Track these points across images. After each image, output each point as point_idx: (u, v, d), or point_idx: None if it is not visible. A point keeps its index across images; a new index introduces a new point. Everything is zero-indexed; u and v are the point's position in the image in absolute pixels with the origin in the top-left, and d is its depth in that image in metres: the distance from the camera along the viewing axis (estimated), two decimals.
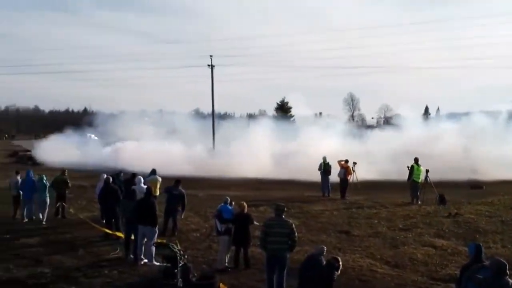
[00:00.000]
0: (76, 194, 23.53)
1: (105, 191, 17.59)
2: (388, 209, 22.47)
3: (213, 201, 21.69)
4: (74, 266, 13.88)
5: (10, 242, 16.47)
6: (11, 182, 20.52)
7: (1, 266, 13.67)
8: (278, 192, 28.55)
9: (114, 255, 14.92)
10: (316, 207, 23.20)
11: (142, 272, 13.34)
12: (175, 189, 17.95)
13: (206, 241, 16.67)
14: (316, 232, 18.07)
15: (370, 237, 17.49)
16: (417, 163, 24.88)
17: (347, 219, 20.41)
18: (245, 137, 41.68)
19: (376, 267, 14.01)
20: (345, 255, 14.74)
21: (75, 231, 18.06)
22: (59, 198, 20.32)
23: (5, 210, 21.11)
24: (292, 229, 11.44)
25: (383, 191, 27.97)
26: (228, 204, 14.55)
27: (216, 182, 32.90)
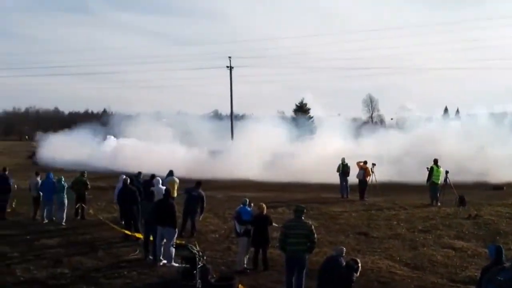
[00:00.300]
0: (95, 195, 23.65)
1: (123, 192, 17.67)
2: (407, 211, 22.33)
3: (232, 203, 21.72)
4: (93, 267, 13.97)
5: (30, 243, 16.61)
6: (31, 183, 20.70)
7: (22, 266, 13.80)
8: (297, 193, 28.43)
9: (133, 256, 14.99)
10: (334, 208, 23.12)
11: (161, 273, 13.39)
12: (194, 190, 17.98)
13: (225, 243, 16.70)
14: (335, 234, 18.01)
15: (389, 238, 17.38)
16: (437, 164, 24.67)
17: (366, 220, 20.31)
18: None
19: (395, 269, 13.91)
20: (364, 257, 14.65)
21: (95, 232, 18.17)
22: (79, 199, 20.45)
23: (25, 211, 21.32)
24: (312, 231, 11.42)
25: (402, 193, 27.75)
26: (247, 205, 14.54)
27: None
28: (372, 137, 42.14)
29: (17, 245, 16.26)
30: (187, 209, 17.81)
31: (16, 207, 21.69)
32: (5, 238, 17.03)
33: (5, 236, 17.39)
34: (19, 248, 15.87)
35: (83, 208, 20.49)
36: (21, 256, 14.91)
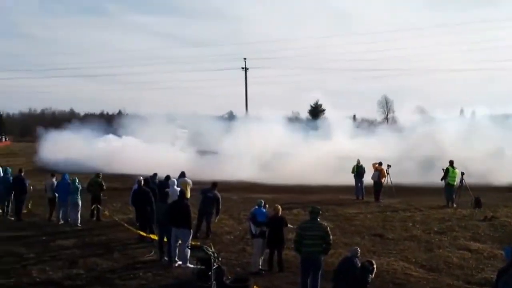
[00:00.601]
0: (111, 197, 23.74)
1: (137, 194, 17.72)
2: (423, 212, 22.21)
3: (247, 204, 21.72)
4: (109, 268, 14.02)
5: (46, 244, 16.70)
6: (47, 185, 20.83)
7: (38, 267, 13.88)
8: (312, 195, 28.32)
9: (148, 257, 15.03)
10: (350, 210, 23.04)
11: (176, 274, 13.41)
12: (210, 191, 17.98)
13: (239, 244, 16.70)
14: (350, 235, 17.95)
15: (405, 240, 17.30)
16: (452, 166, 24.50)
17: (381, 222, 20.23)
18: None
19: (411, 271, 13.85)
20: (379, 258, 14.60)
21: (110, 233, 18.23)
22: (94, 201, 20.53)
23: (41, 212, 21.45)
24: (327, 232, 11.38)
25: (418, 194, 27.59)
26: (262, 207, 14.53)
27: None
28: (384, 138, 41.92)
29: (33, 246, 16.35)
30: (202, 211, 17.81)
31: (32, 208, 21.83)
32: (21, 239, 17.13)
33: (21, 237, 17.49)
34: (35, 249, 15.97)
35: (99, 209, 20.56)
36: (37, 257, 14.99)
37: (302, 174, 33.64)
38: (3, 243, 16.55)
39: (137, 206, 17.74)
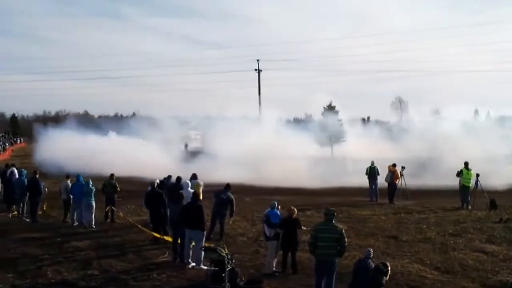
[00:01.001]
0: (125, 198, 23.83)
1: (150, 196, 17.78)
2: (437, 214, 22.10)
3: (260, 205, 21.71)
4: (123, 269, 14.08)
5: (61, 245, 16.79)
6: (61, 186, 20.97)
7: (53, 268, 13.96)
8: (326, 197, 28.23)
9: (162, 259, 15.07)
10: (364, 211, 22.97)
11: (190, 276, 13.43)
12: (224, 193, 17.98)
13: (253, 246, 16.70)
14: (364, 237, 17.88)
15: (419, 242, 17.19)
16: (467, 167, 24.33)
17: (395, 224, 20.14)
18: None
19: (426, 273, 13.76)
20: (393, 260, 14.52)
21: (124, 235, 18.31)
22: (108, 202, 20.63)
23: (56, 214, 21.59)
24: (342, 235, 11.31)
25: (432, 196, 27.43)
26: (275, 208, 14.51)
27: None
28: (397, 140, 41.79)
29: (48, 247, 16.46)
30: (216, 212, 17.81)
31: (47, 210, 21.98)
32: (36, 241, 17.26)
33: (36, 238, 17.63)
34: (50, 250, 16.07)
35: (113, 211, 20.65)
36: (52, 258, 15.08)
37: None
38: (19, 245, 16.69)
39: (150, 207, 17.79)
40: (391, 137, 42.58)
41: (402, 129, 44.92)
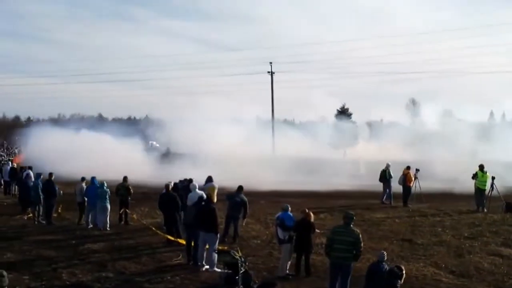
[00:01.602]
0: (138, 201, 23.91)
1: (164, 198, 17.83)
2: (452, 217, 21.95)
3: (274, 209, 21.67)
4: (137, 271, 14.13)
5: (76, 247, 16.88)
6: (76, 189, 21.07)
7: (68, 270, 14.04)
8: (339, 199, 28.11)
9: (176, 261, 15.12)
10: (377, 214, 22.85)
11: (203, 279, 13.45)
12: (237, 195, 17.99)
13: (266, 248, 16.69)
14: (378, 240, 17.80)
15: (434, 245, 17.10)
16: (482, 170, 24.12)
17: (409, 227, 20.03)
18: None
19: (441, 276, 13.69)
20: (408, 264, 14.46)
21: (138, 237, 18.37)
22: (122, 205, 20.71)
23: (71, 216, 21.71)
24: (358, 239, 11.30)
25: (447, 199, 27.23)
26: (289, 211, 14.49)
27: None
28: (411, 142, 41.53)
29: (63, 249, 16.56)
30: (230, 215, 17.83)
31: (62, 212, 22.10)
32: (51, 243, 17.37)
33: (51, 240, 17.74)
34: (65, 252, 16.16)
35: (127, 213, 20.73)
36: (67, 260, 15.16)
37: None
38: (34, 247, 16.79)
39: (164, 210, 17.85)
40: (405, 139, 42.29)
41: (416, 131, 44.67)
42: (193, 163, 35.92)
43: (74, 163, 33.57)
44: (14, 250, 16.32)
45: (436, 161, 34.80)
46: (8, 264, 14.20)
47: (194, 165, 34.46)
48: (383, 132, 44.02)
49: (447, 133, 40.63)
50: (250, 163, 36.56)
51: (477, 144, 36.60)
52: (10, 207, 24.09)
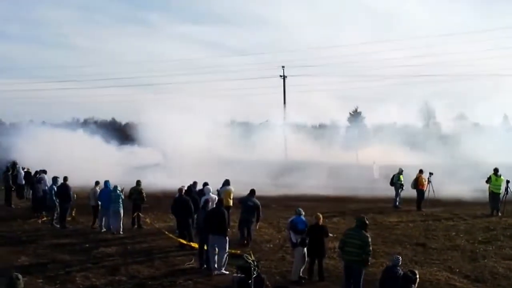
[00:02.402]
0: (151, 205, 23.95)
1: (177, 202, 17.87)
2: (466, 221, 21.79)
3: (286, 212, 21.65)
4: (150, 275, 14.17)
5: (89, 251, 16.98)
6: (90, 193, 21.15)
7: (81, 274, 14.13)
8: (352, 203, 27.98)
9: (188, 265, 15.14)
10: (390, 218, 22.73)
11: (216, 282, 13.47)
12: (249, 199, 18.00)
13: (279, 252, 16.68)
14: (391, 244, 17.73)
15: (448, 250, 17.00)
16: (496, 174, 23.92)
17: (423, 231, 19.92)
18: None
19: (455, 281, 13.61)
20: (422, 268, 14.39)
21: (151, 241, 18.43)
22: (135, 209, 20.77)
23: (84, 220, 21.80)
24: (367, 243, 11.47)
25: (461, 203, 27.01)
26: (301, 215, 14.47)
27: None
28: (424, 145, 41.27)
29: (77, 253, 16.66)
30: (244, 219, 17.84)
31: (75, 216, 22.21)
32: (65, 247, 17.47)
33: (65, 244, 17.84)
34: (78, 256, 16.27)
35: (140, 217, 20.79)
36: (81, 264, 15.25)
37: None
38: (48, 250, 16.92)
39: (177, 214, 17.89)
40: (418, 143, 42.06)
41: (429, 135, 44.45)
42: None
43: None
44: (28, 254, 16.45)
45: (450, 164, 34.59)
46: (23, 267, 14.33)
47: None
48: (396, 135, 43.77)
49: (461, 136, 40.36)
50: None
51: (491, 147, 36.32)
52: (24, 211, 24.22)
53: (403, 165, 27.74)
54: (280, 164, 40.41)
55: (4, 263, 15.20)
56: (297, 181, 35.00)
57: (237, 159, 38.84)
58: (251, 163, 38.21)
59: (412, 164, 29.37)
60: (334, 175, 36.57)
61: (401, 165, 27.98)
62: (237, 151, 42.23)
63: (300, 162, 41.04)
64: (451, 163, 35.25)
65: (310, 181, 35.01)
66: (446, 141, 40.87)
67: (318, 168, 38.11)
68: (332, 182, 34.93)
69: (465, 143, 38.61)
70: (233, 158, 39.32)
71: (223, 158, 38.95)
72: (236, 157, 39.56)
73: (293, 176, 36.54)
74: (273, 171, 37.62)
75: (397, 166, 27.61)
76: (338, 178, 35.91)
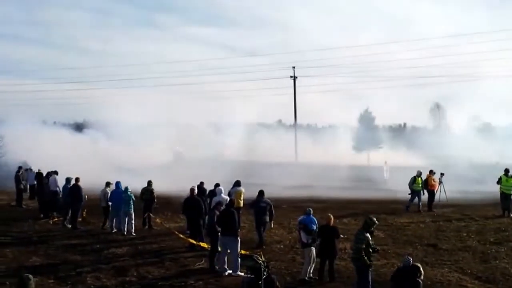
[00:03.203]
0: (162, 205, 23.98)
1: (189, 202, 17.86)
2: (478, 222, 21.66)
3: (296, 213, 21.62)
4: (160, 276, 14.19)
5: (100, 252, 17.04)
6: (101, 194, 21.21)
7: (92, 275, 14.17)
8: (363, 204, 27.88)
9: (199, 266, 15.15)
10: (401, 219, 22.63)
11: (226, 283, 13.47)
12: (261, 200, 17.96)
13: (289, 253, 16.65)
14: (402, 245, 17.66)
15: (459, 250, 16.90)
16: (507, 174, 23.73)
17: (434, 232, 19.82)
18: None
19: (466, 282, 13.52)
20: (433, 269, 14.34)
21: (162, 242, 18.45)
22: (146, 209, 20.81)
23: (95, 220, 21.87)
24: (357, 240, 11.98)
25: (472, 204, 26.87)
26: (311, 215, 14.46)
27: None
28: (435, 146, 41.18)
29: (87, 253, 16.72)
30: (259, 221, 17.81)
31: (86, 216, 22.27)
32: (76, 247, 17.53)
33: (76, 245, 17.90)
34: (89, 256, 16.33)
35: (150, 217, 20.83)
36: (91, 265, 15.30)
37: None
38: (59, 251, 16.99)
39: (188, 214, 17.90)
40: (428, 144, 42.00)
41: (440, 136, 44.36)
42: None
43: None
44: (39, 254, 16.53)
45: (463, 165, 34.47)
46: (34, 268, 14.40)
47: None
48: (407, 136, 43.76)
49: (473, 137, 40.26)
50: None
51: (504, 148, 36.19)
52: (35, 212, 24.33)
53: (414, 166, 27.59)
54: (291, 165, 40.51)
55: (15, 263, 15.31)
56: (308, 182, 35.00)
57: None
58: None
59: (423, 165, 29.24)
60: (344, 176, 36.55)
61: (411, 165, 27.84)
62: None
63: (311, 163, 41.05)
64: (461, 164, 35.10)
65: (320, 182, 35.01)
66: (457, 142, 40.76)
67: (328, 169, 38.11)
68: (342, 183, 34.91)
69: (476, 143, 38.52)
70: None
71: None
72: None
73: (304, 177, 36.53)
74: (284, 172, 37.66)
75: (408, 168, 27.45)
76: (349, 179, 35.90)
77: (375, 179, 37.77)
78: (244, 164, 41.50)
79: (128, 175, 29.03)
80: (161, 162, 41.20)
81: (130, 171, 32.98)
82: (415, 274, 9.95)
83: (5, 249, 16.85)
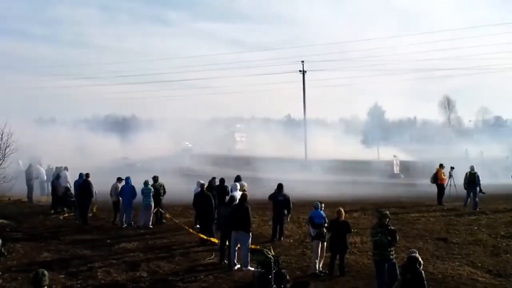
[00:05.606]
0: (172, 200, 23.99)
1: (200, 197, 17.89)
2: (488, 216, 21.54)
3: (307, 208, 21.60)
4: (171, 271, 14.23)
5: (111, 247, 17.09)
6: (112, 188, 21.27)
7: (103, 270, 14.22)
8: (374, 198, 27.80)
9: (209, 260, 15.18)
10: (412, 213, 22.53)
11: (237, 278, 13.49)
12: (279, 194, 17.98)
13: (299, 248, 16.66)
14: (413, 239, 17.60)
15: (470, 244, 16.84)
16: None
17: (444, 226, 19.74)
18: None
19: (477, 276, 13.47)
20: (443, 263, 14.29)
21: (172, 237, 18.50)
22: (156, 204, 20.83)
23: (106, 215, 21.94)
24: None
25: (484, 198, 26.67)
26: (319, 209, 14.46)
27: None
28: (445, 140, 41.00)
29: (98, 249, 16.77)
30: (277, 215, 17.90)
31: (96, 212, 22.34)
32: (86, 242, 17.59)
33: (86, 240, 17.97)
34: (100, 251, 16.38)
35: (161, 212, 20.88)
36: (102, 260, 15.35)
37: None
38: (70, 246, 17.06)
39: (198, 209, 17.93)
40: (438, 137, 41.83)
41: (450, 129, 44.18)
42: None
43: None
44: (50, 250, 16.61)
45: (472, 159, 34.30)
46: (45, 263, 14.47)
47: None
48: (416, 130, 43.61)
49: (483, 131, 40.08)
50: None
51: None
52: (46, 207, 24.42)
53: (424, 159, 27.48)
54: (301, 160, 40.43)
55: (26, 259, 15.39)
56: (317, 177, 34.96)
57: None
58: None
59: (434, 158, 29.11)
60: (354, 170, 36.48)
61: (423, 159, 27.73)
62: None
63: (321, 157, 41.00)
64: (473, 157, 34.93)
65: (330, 176, 34.97)
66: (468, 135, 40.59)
67: (338, 164, 38.06)
68: (353, 177, 34.85)
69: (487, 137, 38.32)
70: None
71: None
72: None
73: (313, 171, 36.51)
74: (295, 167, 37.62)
75: (418, 162, 27.36)
76: (359, 173, 35.83)
77: (385, 173, 37.69)
78: (252, 160, 41.52)
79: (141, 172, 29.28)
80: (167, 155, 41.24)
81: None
82: (413, 265, 9.93)
83: (16, 245, 16.92)
